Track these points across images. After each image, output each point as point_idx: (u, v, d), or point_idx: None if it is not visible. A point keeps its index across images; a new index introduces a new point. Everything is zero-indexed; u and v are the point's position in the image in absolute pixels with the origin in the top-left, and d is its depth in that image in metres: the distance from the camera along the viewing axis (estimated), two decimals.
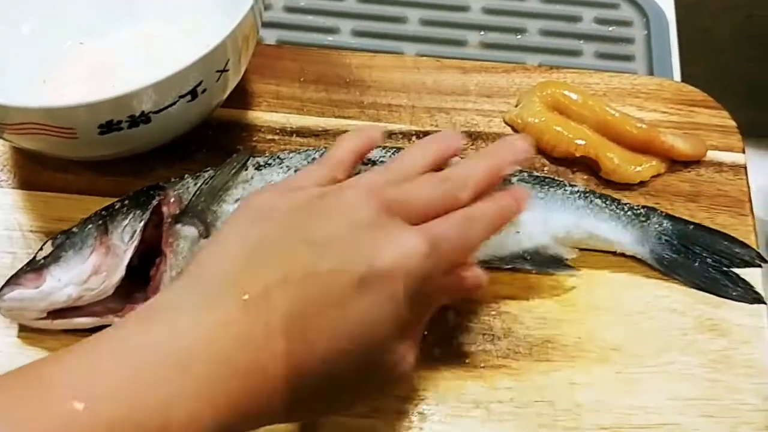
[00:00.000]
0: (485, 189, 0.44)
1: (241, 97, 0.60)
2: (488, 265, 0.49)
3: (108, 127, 0.46)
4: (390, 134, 0.59)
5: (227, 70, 0.50)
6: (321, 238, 0.38)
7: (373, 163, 0.52)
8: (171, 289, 0.38)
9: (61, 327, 0.48)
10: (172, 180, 0.51)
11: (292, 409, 0.37)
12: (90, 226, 0.48)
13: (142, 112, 0.47)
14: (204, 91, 0.49)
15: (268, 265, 0.37)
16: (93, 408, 0.30)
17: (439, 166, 0.45)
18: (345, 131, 0.58)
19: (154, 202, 0.49)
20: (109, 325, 0.37)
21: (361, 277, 0.37)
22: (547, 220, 0.51)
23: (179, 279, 0.38)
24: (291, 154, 0.53)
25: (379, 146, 0.52)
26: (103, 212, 0.49)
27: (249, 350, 0.34)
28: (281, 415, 0.37)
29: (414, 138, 0.59)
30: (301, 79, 0.62)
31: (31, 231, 0.53)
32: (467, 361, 0.48)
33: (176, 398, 0.32)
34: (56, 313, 0.47)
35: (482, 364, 0.48)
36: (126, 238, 0.47)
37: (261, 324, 0.35)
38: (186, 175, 0.51)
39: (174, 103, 0.47)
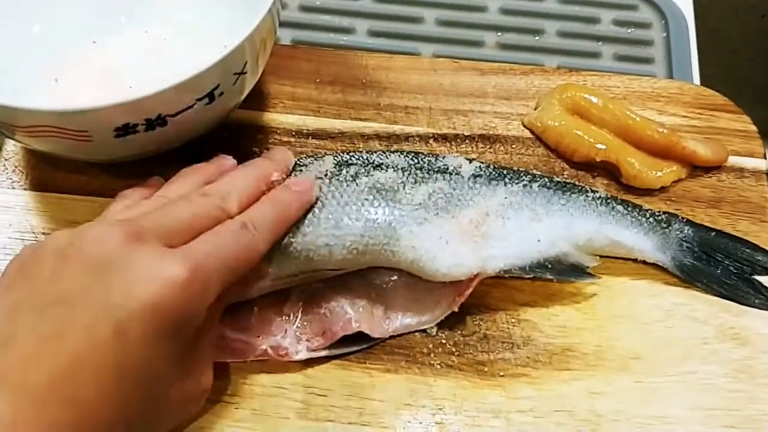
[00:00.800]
0: (252, 197, 0.44)
1: (257, 98, 0.59)
2: (509, 274, 0.48)
3: (124, 130, 0.46)
4: (407, 137, 0.58)
5: (245, 73, 0.49)
6: (71, 292, 0.36)
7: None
8: None
9: None
10: None
11: None
12: None
13: (159, 115, 0.46)
14: (221, 94, 0.48)
15: (25, 340, 0.34)
16: None
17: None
18: (362, 134, 0.58)
19: None
20: None
21: (116, 326, 0.35)
22: (568, 226, 0.50)
23: None
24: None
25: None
26: None
27: None
28: None
29: (431, 141, 0.58)
30: (317, 80, 0.61)
31: (43, 233, 0.52)
32: (486, 369, 0.48)
33: None
34: None
35: (501, 373, 0.48)
36: None
37: (31, 410, 0.32)
38: None
39: (191, 106, 0.47)
